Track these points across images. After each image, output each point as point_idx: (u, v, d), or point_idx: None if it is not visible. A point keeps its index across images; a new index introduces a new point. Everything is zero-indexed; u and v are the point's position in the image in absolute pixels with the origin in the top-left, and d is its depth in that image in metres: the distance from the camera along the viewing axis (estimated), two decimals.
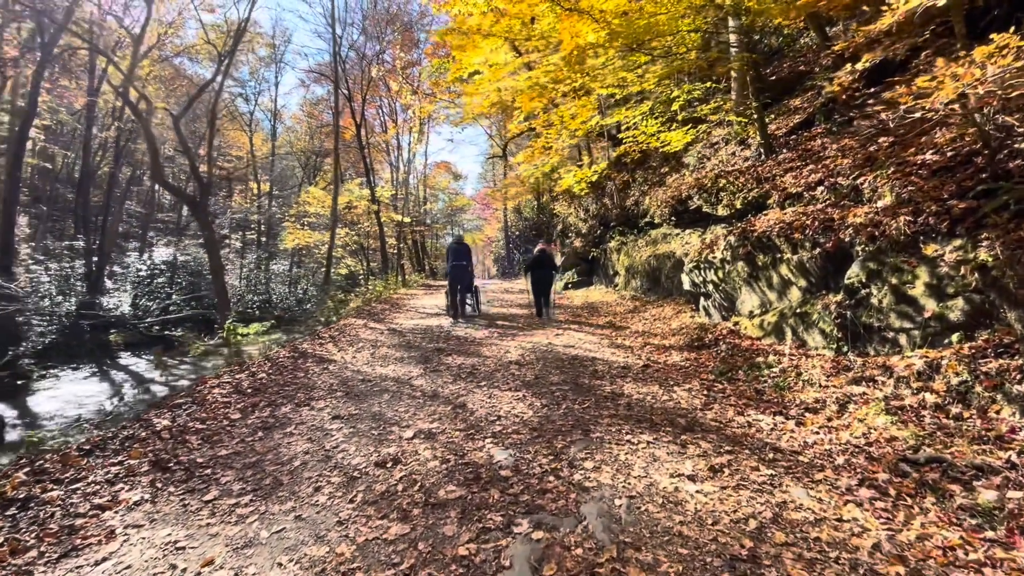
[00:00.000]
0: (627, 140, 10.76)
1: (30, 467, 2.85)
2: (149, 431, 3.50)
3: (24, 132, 17.22)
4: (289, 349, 6.41)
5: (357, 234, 21.73)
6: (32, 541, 2.25)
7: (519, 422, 3.83)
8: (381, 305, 11.55)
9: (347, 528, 2.42)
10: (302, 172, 32.90)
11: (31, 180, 22.12)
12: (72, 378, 14.23)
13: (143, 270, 20.74)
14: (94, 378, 14.48)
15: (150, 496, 2.70)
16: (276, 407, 4.22)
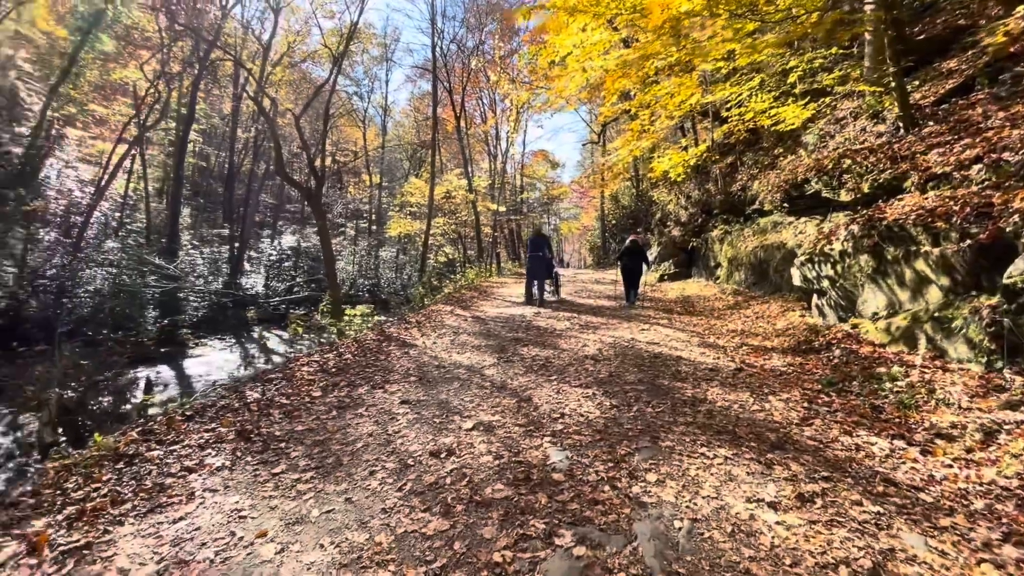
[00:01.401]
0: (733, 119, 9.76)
1: (142, 428, 3.28)
2: (241, 402, 3.87)
3: (185, 136, 20.20)
4: (376, 332, 6.77)
5: (455, 223, 22.53)
6: (129, 494, 2.55)
7: (583, 422, 3.62)
8: (471, 293, 11.82)
9: (390, 517, 2.43)
10: (408, 164, 34.83)
11: (192, 177, 25.95)
12: (217, 347, 16.55)
13: (273, 255, 23.46)
14: (234, 348, 16.70)
15: (230, 463, 2.95)
16: (354, 387, 4.44)
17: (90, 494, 2.53)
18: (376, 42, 27.80)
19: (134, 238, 18.48)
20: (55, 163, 18.30)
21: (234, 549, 2.18)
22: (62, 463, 2.87)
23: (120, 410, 7.70)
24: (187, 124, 20.38)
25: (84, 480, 2.66)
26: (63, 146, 19.02)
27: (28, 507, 2.39)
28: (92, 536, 2.23)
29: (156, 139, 23.26)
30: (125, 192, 20.43)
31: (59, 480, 2.66)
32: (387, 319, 8.20)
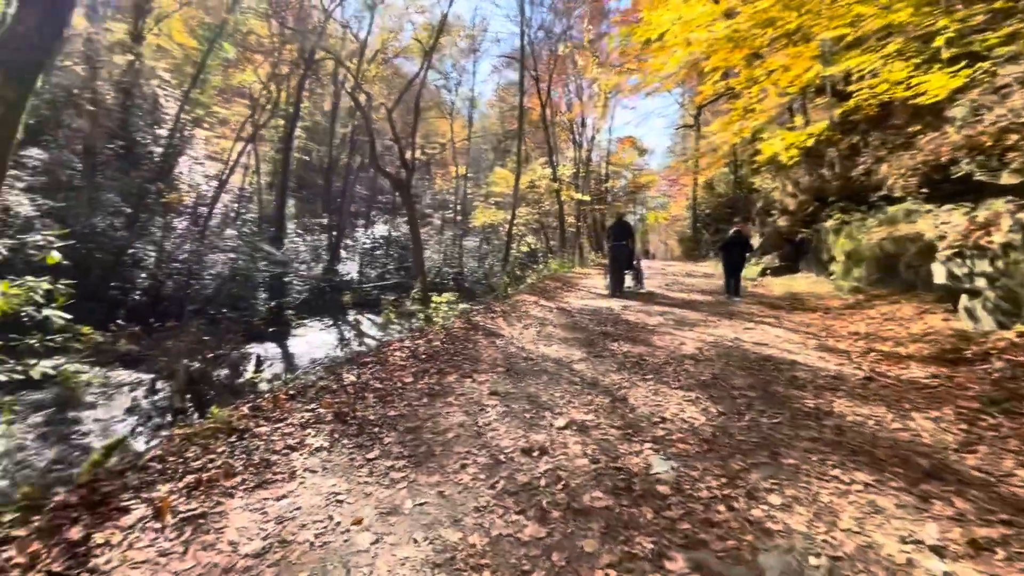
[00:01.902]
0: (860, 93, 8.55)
1: (252, 404, 3.48)
2: (338, 385, 4.00)
3: (291, 132, 21.88)
4: (463, 321, 6.80)
5: (538, 212, 22.40)
6: (239, 468, 2.68)
7: (687, 429, 3.29)
8: (554, 283, 11.62)
9: (483, 516, 2.31)
10: (492, 154, 35.20)
11: (296, 171, 28.15)
12: (316, 328, 17.86)
13: (367, 243, 24.87)
14: (330, 329, 17.93)
15: (328, 444, 3.02)
16: (443, 375, 4.44)
17: (206, 465, 2.68)
18: (464, 34, 28.23)
19: (248, 227, 20.41)
20: (186, 160, 20.67)
21: (332, 534, 2.18)
22: (185, 432, 3.10)
23: (235, 383, 8.49)
24: (293, 122, 22.08)
25: (202, 451, 2.83)
26: (192, 145, 21.41)
27: (155, 472, 2.58)
28: (207, 506, 2.34)
29: (267, 136, 25.49)
30: (242, 185, 22.61)
31: (181, 448, 2.86)
32: (473, 308, 8.25)
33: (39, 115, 15.79)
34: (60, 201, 13.71)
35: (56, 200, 13.65)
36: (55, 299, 5.59)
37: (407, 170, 13.83)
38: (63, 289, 5.62)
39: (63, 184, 14.65)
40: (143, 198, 15.83)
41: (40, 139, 15.54)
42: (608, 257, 10.44)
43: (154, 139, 18.69)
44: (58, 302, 5.59)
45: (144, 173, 16.68)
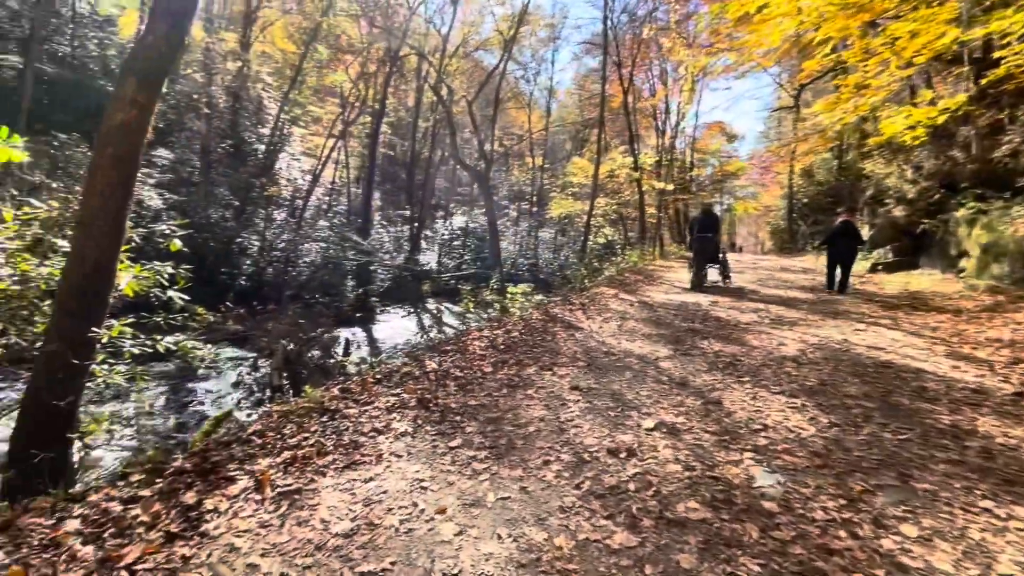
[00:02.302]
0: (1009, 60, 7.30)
1: (342, 386, 3.62)
2: (421, 371, 4.06)
3: (377, 128, 22.91)
4: (541, 312, 6.71)
5: (617, 203, 21.75)
6: (330, 447, 2.78)
7: (793, 439, 2.96)
8: (634, 276, 11.19)
9: (569, 518, 2.20)
10: (570, 144, 34.69)
11: (382, 165, 29.54)
12: (398, 314, 18.67)
13: (445, 234, 25.57)
14: (411, 316, 18.66)
15: (412, 430, 3.06)
16: (522, 367, 4.37)
17: (301, 442, 2.81)
18: (544, 23, 27.91)
19: (338, 218, 21.73)
20: (285, 156, 22.39)
21: (416, 521, 2.18)
22: (282, 409, 3.28)
23: (326, 363, 9.06)
24: (379, 118, 23.12)
25: (297, 428, 2.98)
26: (290, 142, 23.13)
27: (257, 446, 2.74)
28: (301, 483, 2.44)
29: (356, 133, 26.93)
30: (333, 179, 24.10)
31: (279, 425, 3.03)
32: (550, 299, 8.13)
33: (166, 120, 17.80)
34: (182, 195, 15.39)
35: (179, 195, 15.34)
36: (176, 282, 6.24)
37: (486, 161, 13.95)
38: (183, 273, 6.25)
39: (184, 180, 16.44)
40: (249, 192, 17.37)
41: (167, 140, 17.53)
42: (692, 250, 9.90)
43: (258, 138, 20.42)
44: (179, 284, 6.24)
45: (250, 169, 18.28)
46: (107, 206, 4.43)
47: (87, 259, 4.29)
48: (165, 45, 4.68)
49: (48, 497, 2.28)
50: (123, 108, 4.49)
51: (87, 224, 4.36)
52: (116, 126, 4.46)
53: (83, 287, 4.29)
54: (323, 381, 8.01)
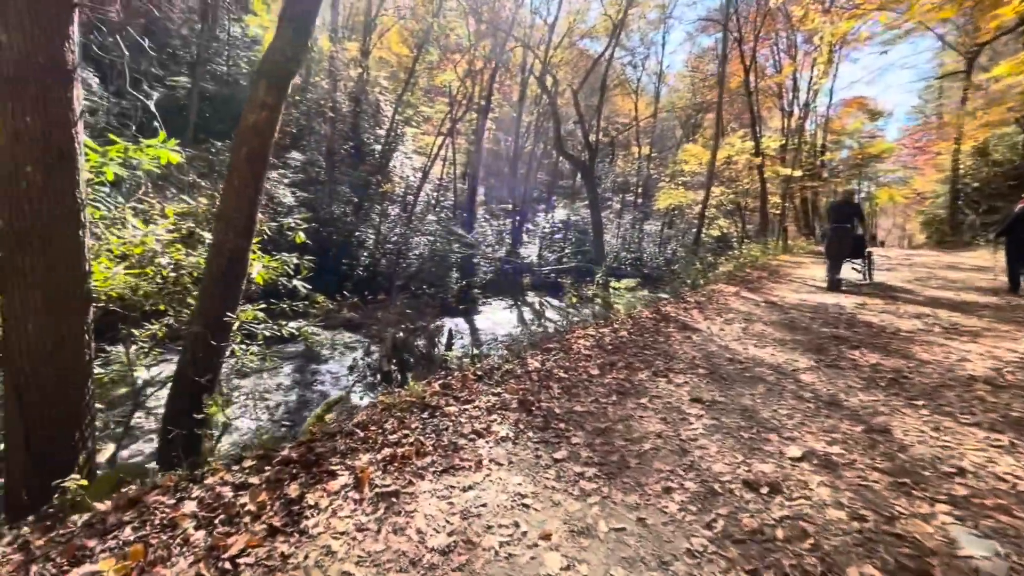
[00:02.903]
0: None
1: (443, 381, 3.50)
2: (523, 370, 3.82)
3: (482, 125, 23.31)
4: (652, 310, 6.14)
5: (734, 192, 19.86)
6: (430, 447, 2.63)
7: (1008, 492, 2.22)
8: (757, 272, 10.01)
9: (700, 566, 1.79)
10: (681, 131, 32.59)
11: (486, 160, 30.12)
12: (499, 306, 18.90)
13: (546, 228, 25.38)
14: (511, 309, 18.79)
15: (513, 435, 2.82)
16: (633, 371, 3.94)
17: (401, 439, 2.70)
18: (654, 4, 26.36)
19: (445, 212, 22.52)
20: (399, 155, 23.69)
21: (518, 546, 1.92)
22: (385, 401, 3.23)
23: (431, 352, 9.31)
24: (484, 114, 23.50)
25: (398, 424, 2.88)
26: (404, 141, 24.41)
27: (359, 440, 2.68)
28: (399, 484, 2.31)
29: (462, 130, 27.72)
30: (440, 175, 25.04)
31: (381, 419, 2.96)
32: (660, 296, 7.50)
33: (299, 125, 19.69)
34: (310, 193, 16.90)
35: (308, 192, 16.87)
36: (300, 271, 6.71)
37: (590, 152, 13.44)
38: (306, 264, 6.70)
39: (313, 179, 18.05)
40: (366, 189, 18.61)
41: (299, 144, 19.38)
42: (827, 242, 8.56)
43: (375, 138, 21.81)
44: (302, 274, 6.70)
45: (367, 168, 19.58)
46: (241, 200, 4.79)
47: (224, 249, 4.68)
48: (290, 47, 4.93)
49: (174, 474, 2.38)
50: (255, 110, 4.81)
51: (225, 217, 4.75)
52: (249, 127, 4.80)
53: (222, 275, 4.69)
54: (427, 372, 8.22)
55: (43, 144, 3.46)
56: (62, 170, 3.57)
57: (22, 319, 3.49)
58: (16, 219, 3.44)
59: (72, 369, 3.73)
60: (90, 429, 3.86)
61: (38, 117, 3.45)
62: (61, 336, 3.62)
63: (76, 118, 3.67)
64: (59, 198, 3.56)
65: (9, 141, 3.42)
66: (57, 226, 3.56)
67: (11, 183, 3.43)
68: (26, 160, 3.42)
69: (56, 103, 3.52)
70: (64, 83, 3.56)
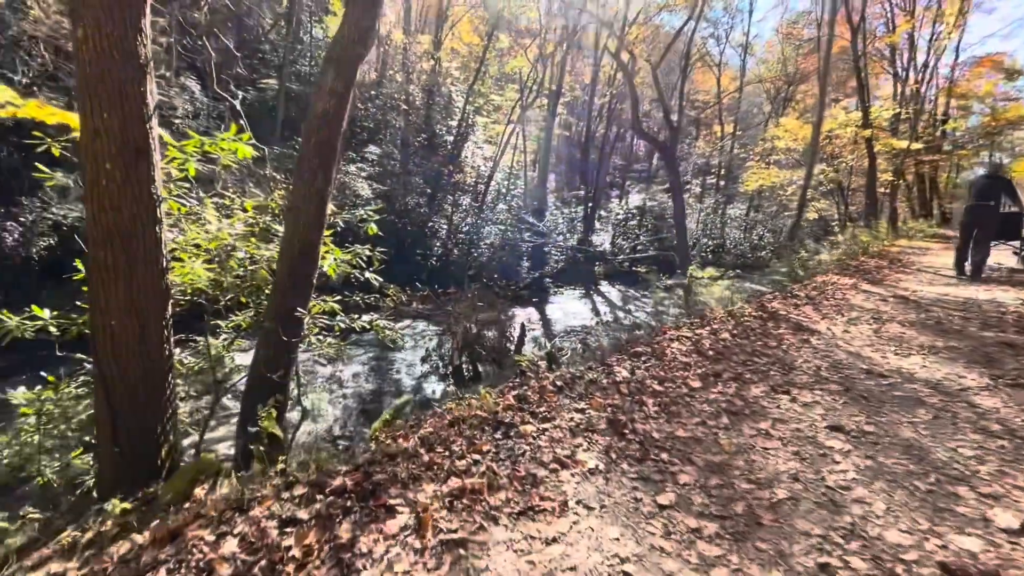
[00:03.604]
0: None
1: (518, 392, 3.04)
2: (610, 380, 3.26)
3: (553, 110, 22.53)
4: (755, 307, 5.28)
5: (835, 170, 17.58)
6: (504, 479, 2.18)
7: None
8: (873, 261, 8.60)
9: None
10: (769, 106, 29.74)
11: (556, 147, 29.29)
12: (570, 296, 18.30)
13: (620, 214, 24.23)
14: (583, 298, 18.13)
15: (604, 467, 2.30)
16: (744, 384, 3.26)
17: (471, 467, 2.27)
18: None
19: (515, 201, 22.14)
20: (470, 145, 23.58)
21: None
22: (454, 414, 2.84)
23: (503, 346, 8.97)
24: (555, 99, 22.68)
25: (467, 445, 2.46)
26: (474, 131, 24.26)
27: (423, 465, 2.29)
28: (468, 529, 1.88)
29: (533, 117, 27.09)
30: (511, 164, 24.66)
31: (449, 437, 2.56)
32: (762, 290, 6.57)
33: (375, 119, 20.10)
34: (386, 186, 17.18)
35: (384, 185, 17.16)
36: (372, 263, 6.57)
37: (671, 131, 12.35)
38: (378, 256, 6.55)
39: (388, 172, 18.35)
40: (439, 180, 18.64)
41: (376, 138, 19.79)
42: (962, 223, 7.11)
43: (447, 129, 21.81)
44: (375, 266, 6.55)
45: (439, 158, 19.61)
46: (310, 191, 4.61)
47: (294, 242, 4.54)
48: (357, 32, 4.64)
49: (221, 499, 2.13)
50: (323, 98, 4.59)
51: (294, 209, 4.61)
52: (318, 115, 4.59)
53: (292, 268, 4.57)
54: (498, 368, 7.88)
55: (120, 141, 3.42)
56: (139, 166, 3.52)
57: (107, 315, 3.49)
58: (99, 216, 3.43)
59: (154, 364, 3.73)
60: (172, 422, 3.88)
61: (115, 113, 3.39)
62: (143, 331, 3.61)
63: (151, 113, 3.60)
64: (137, 194, 3.52)
65: (90, 139, 3.40)
66: (136, 222, 3.52)
67: (93, 181, 3.42)
68: (105, 157, 3.39)
69: (132, 98, 3.44)
70: (139, 78, 3.49)
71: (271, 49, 19.34)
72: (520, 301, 16.67)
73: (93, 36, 3.32)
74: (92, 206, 3.45)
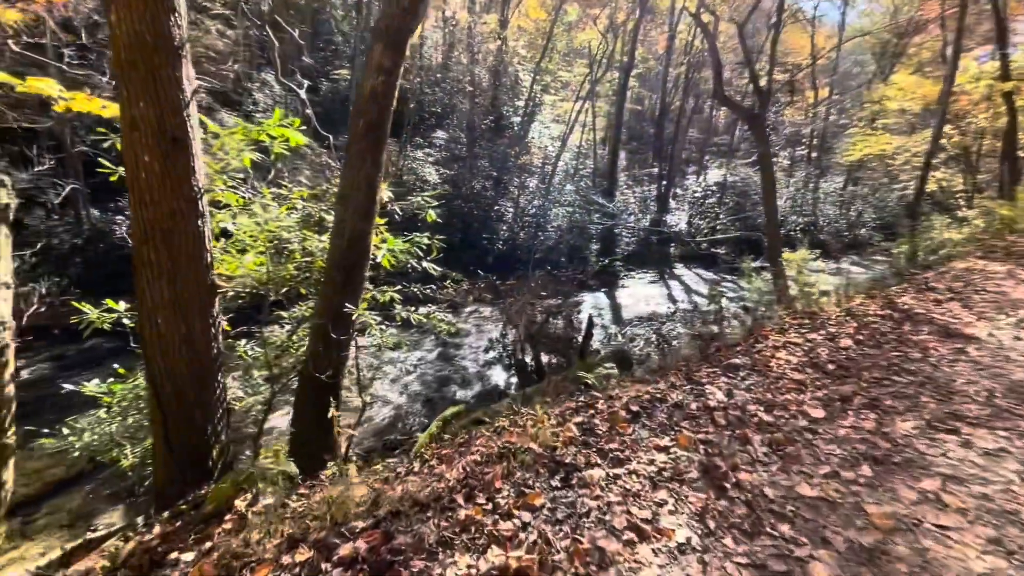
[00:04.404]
0: None
1: (582, 422, 2.43)
2: (700, 404, 2.55)
3: (625, 83, 21.03)
4: (880, 303, 4.22)
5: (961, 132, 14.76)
6: (560, 556, 1.61)
7: None
8: None
9: None
10: (875, 65, 25.90)
11: (628, 122, 27.56)
12: (642, 280, 17.19)
13: (698, 192, 22.37)
14: (656, 282, 16.96)
15: (698, 542, 1.66)
16: (885, 414, 2.42)
17: (518, 532, 1.72)
18: None
19: (584, 181, 21.09)
20: (537, 125, 22.71)
21: None
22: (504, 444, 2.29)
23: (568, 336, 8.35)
24: (627, 72, 21.12)
25: (516, 497, 1.91)
26: (541, 110, 23.33)
27: (456, 524, 1.77)
28: None
29: (602, 92, 25.58)
30: (579, 142, 23.49)
31: (493, 480, 2.02)
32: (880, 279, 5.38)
33: (443, 104, 19.84)
34: (453, 170, 16.90)
35: (451, 169, 16.89)
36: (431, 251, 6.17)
37: (760, 97, 10.82)
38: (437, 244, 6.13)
39: (455, 156, 18.06)
40: (505, 162, 18.06)
41: (444, 122, 19.55)
42: None
43: (514, 110, 21.09)
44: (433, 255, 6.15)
45: (506, 140, 19.00)
46: (358, 177, 4.22)
47: (343, 232, 4.19)
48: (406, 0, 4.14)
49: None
50: (371, 75, 4.14)
51: (344, 198, 4.25)
52: (367, 95, 4.15)
53: (341, 260, 4.24)
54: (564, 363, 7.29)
55: (157, 130, 3.18)
56: (177, 157, 3.27)
57: (152, 313, 3.33)
58: (140, 211, 3.24)
59: (202, 363, 3.56)
60: (223, 421, 3.73)
61: (150, 101, 3.15)
62: (189, 330, 3.43)
63: (188, 99, 3.33)
64: (176, 187, 3.29)
65: (128, 129, 3.19)
66: (176, 217, 3.30)
67: (133, 175, 3.22)
68: (143, 149, 3.18)
69: (166, 84, 3.18)
70: (173, 62, 3.21)
71: (343, 40, 19.55)
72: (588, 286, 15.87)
73: (125, 19, 3.06)
74: (133, 201, 3.27)
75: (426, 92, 19.12)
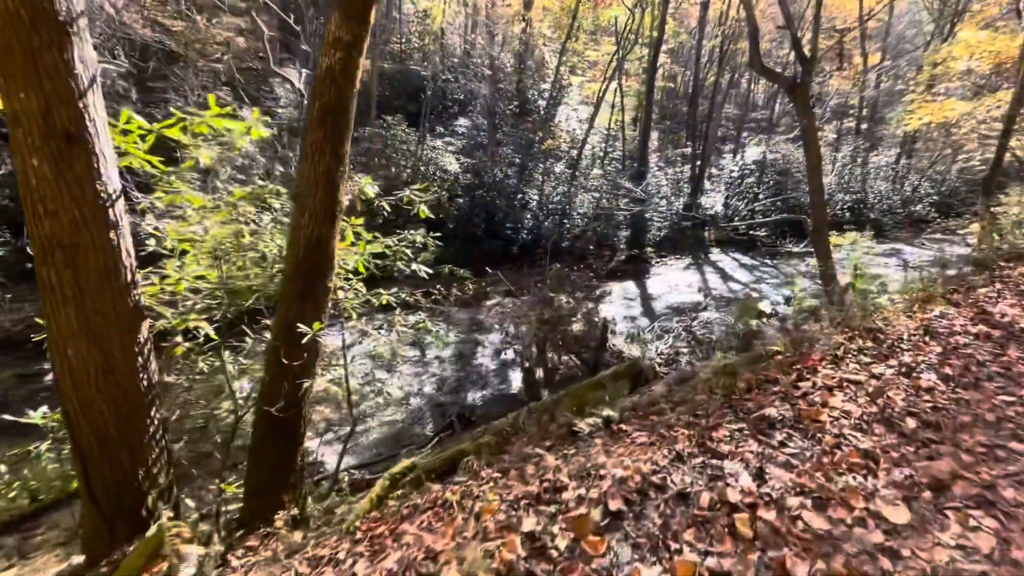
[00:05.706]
0: None
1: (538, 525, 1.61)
2: (715, 496, 1.67)
3: (655, 59, 19.37)
4: (969, 312, 3.10)
5: None
6: None
7: None
8: None
9: None
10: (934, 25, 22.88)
11: (659, 101, 25.72)
12: (675, 266, 15.94)
13: (734, 171, 20.58)
14: (690, 269, 15.68)
15: None
16: (1008, 518, 1.50)
17: None
18: None
19: (613, 165, 19.75)
20: (564, 108, 21.43)
21: None
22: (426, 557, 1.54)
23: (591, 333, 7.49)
24: (656, 47, 19.45)
25: None
26: (568, 93, 21.98)
27: None
28: None
29: (631, 71, 23.86)
30: (608, 124, 22.05)
31: None
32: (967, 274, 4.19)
33: (465, 90, 18.94)
34: (475, 159, 16.06)
35: (472, 158, 16.06)
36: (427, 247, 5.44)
37: (803, 64, 9.36)
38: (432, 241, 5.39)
39: (478, 144, 17.21)
40: (530, 148, 17.04)
41: (466, 110, 18.67)
42: None
43: (539, 94, 19.91)
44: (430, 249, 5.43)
45: (530, 125, 17.93)
46: (315, 173, 3.47)
47: (299, 238, 3.49)
48: None
49: None
50: (327, 52, 3.35)
51: (299, 196, 3.54)
52: (323, 75, 3.37)
53: (298, 269, 3.56)
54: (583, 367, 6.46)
55: (44, 127, 2.56)
56: (73, 158, 2.64)
57: (60, 343, 2.78)
58: (35, 224, 2.65)
59: (127, 397, 3.00)
60: (160, 464, 3.18)
61: (32, 93, 2.53)
62: (108, 359, 2.87)
63: (84, 87, 2.70)
64: (76, 193, 2.66)
65: (12, 128, 2.60)
66: (80, 228, 2.68)
67: (23, 180, 2.64)
68: (30, 150, 2.58)
69: (52, 71, 2.53)
70: (60, 43, 2.56)
71: None
72: (616, 274, 14.81)
73: None
74: (27, 213, 2.66)
75: (448, 79, 18.26)
